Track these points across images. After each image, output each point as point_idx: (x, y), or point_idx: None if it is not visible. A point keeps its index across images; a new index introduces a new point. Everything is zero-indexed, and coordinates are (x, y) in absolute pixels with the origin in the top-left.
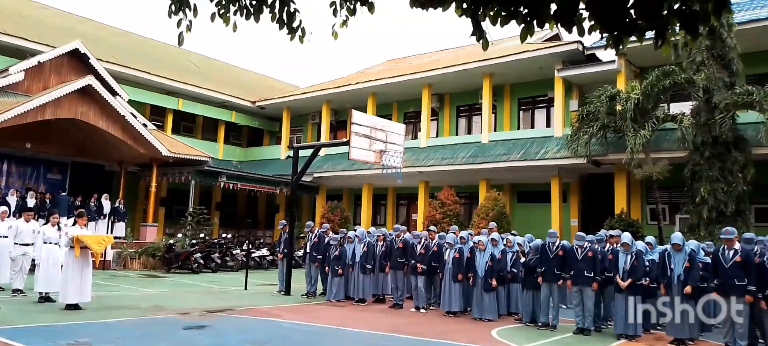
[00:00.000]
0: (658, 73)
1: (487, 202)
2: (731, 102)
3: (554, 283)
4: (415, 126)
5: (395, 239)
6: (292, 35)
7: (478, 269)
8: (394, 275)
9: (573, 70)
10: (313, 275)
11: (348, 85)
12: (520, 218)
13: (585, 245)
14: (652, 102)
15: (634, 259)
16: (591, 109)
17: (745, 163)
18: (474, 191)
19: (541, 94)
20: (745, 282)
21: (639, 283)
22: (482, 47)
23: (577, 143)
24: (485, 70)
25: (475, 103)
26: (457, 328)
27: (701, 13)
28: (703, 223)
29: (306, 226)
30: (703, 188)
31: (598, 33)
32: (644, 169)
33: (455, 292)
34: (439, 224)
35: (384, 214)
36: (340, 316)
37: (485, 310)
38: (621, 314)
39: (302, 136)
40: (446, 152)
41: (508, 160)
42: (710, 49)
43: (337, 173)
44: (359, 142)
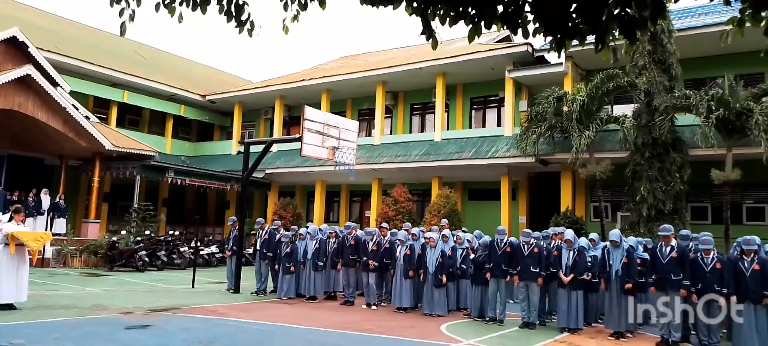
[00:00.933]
0: (602, 76)
1: (439, 199)
2: (670, 105)
3: (502, 278)
4: (369, 123)
5: (347, 236)
6: (240, 28)
7: (429, 266)
8: (346, 271)
9: (523, 72)
10: (263, 272)
11: (301, 81)
12: (471, 215)
13: (531, 242)
14: (597, 104)
15: (576, 255)
16: (539, 109)
17: (682, 163)
18: (427, 188)
19: (493, 94)
20: (680, 277)
21: (581, 278)
22: (432, 46)
23: (525, 143)
24: (439, 69)
25: (429, 102)
26: (407, 324)
27: (639, 19)
28: (643, 220)
29: (256, 223)
30: (643, 187)
31: (542, 36)
32: (588, 168)
33: (406, 288)
34: (392, 221)
35: (337, 211)
36: (290, 313)
37: (435, 306)
38: (563, 309)
39: (254, 131)
40: (400, 150)
41: (460, 159)
42: (651, 54)
43: (290, 169)
44: (312, 139)
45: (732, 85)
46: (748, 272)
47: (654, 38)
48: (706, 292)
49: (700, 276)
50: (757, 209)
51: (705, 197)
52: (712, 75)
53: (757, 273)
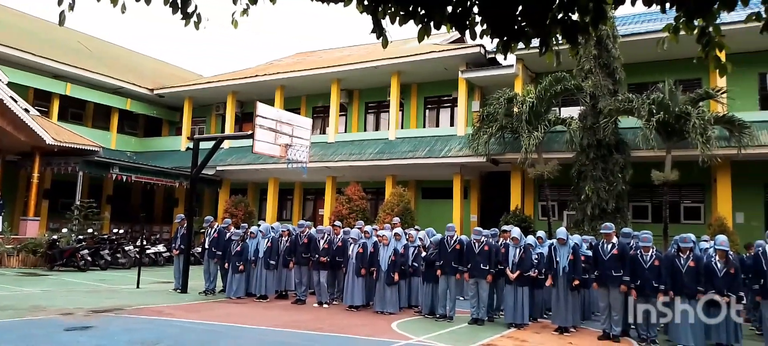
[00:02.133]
0: (550, 79)
1: (392, 197)
2: (614, 108)
3: (452, 276)
4: (324, 121)
5: (300, 235)
6: (186, 20)
7: (382, 264)
8: (298, 270)
9: (475, 73)
10: (212, 271)
11: (255, 77)
12: (424, 214)
13: (482, 240)
14: (545, 106)
15: (522, 252)
16: (491, 110)
17: (624, 164)
18: (380, 186)
19: (446, 94)
20: (621, 273)
21: (527, 275)
22: (382, 45)
23: (477, 142)
24: (393, 68)
25: (384, 101)
26: (359, 322)
27: (581, 24)
28: (588, 219)
29: (205, 221)
30: (588, 187)
31: (489, 38)
32: (537, 168)
33: (358, 286)
34: (346, 219)
35: (290, 209)
36: (239, 313)
37: (387, 303)
38: (510, 305)
39: (205, 127)
40: (354, 148)
41: (414, 158)
42: (597, 58)
43: (242, 166)
44: (264, 136)
45: (672, 89)
46: (684, 268)
47: (600, 43)
48: (645, 288)
49: (640, 273)
50: (693, 209)
51: (645, 197)
52: (653, 80)
53: (692, 270)
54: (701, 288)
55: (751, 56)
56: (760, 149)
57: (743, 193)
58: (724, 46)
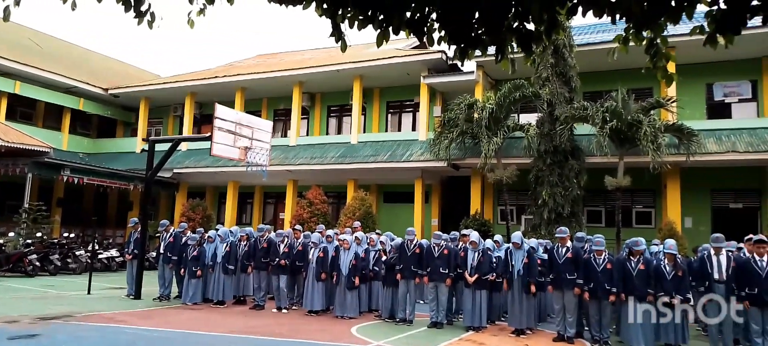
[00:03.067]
0: (509, 86)
1: (354, 201)
2: (570, 115)
3: (411, 279)
4: (285, 124)
5: (260, 239)
6: (139, 19)
7: (342, 268)
8: (257, 275)
9: (437, 78)
10: (167, 277)
11: (214, 78)
12: (386, 218)
13: (441, 244)
14: (504, 112)
15: (480, 256)
16: (452, 115)
17: (579, 170)
18: (342, 190)
19: (409, 99)
20: (575, 276)
21: (485, 278)
22: (341, 49)
23: (438, 147)
24: (356, 72)
25: (346, 104)
26: (318, 327)
27: (535, 33)
28: (544, 223)
29: (160, 225)
30: (545, 192)
31: (447, 44)
32: (496, 173)
33: (318, 291)
34: (307, 223)
35: (250, 213)
36: (194, 319)
37: (347, 308)
38: (468, 308)
39: (162, 129)
40: (316, 152)
41: (376, 162)
42: (554, 66)
43: (200, 169)
44: (223, 138)
45: (625, 98)
46: (634, 271)
47: (557, 52)
48: (598, 290)
49: (593, 275)
50: (645, 213)
51: (599, 202)
52: (607, 88)
53: (643, 273)
54: (651, 290)
55: (699, 67)
56: (707, 157)
57: (691, 198)
58: (671, 57)
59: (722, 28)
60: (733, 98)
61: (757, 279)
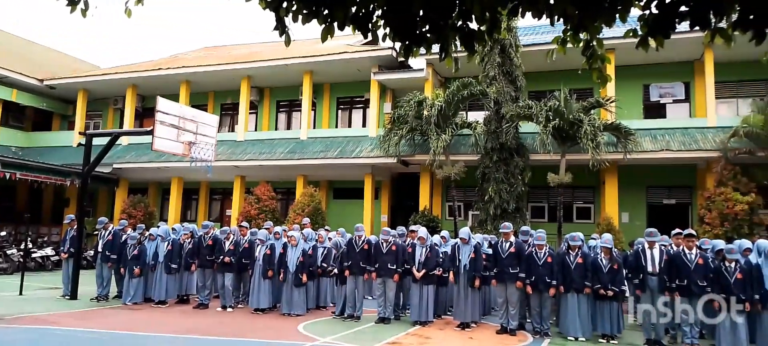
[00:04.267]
0: (458, 84)
1: (303, 198)
2: (515, 114)
3: (360, 276)
4: (233, 118)
5: (205, 236)
6: (72, 7)
7: (290, 265)
8: (201, 273)
9: (387, 75)
10: (105, 276)
11: (158, 70)
12: (336, 214)
13: (389, 240)
14: (453, 109)
15: (428, 252)
16: (402, 112)
17: (524, 167)
18: (291, 186)
19: (359, 95)
20: (517, 270)
21: (432, 273)
22: (285, 43)
23: (388, 144)
24: (306, 67)
25: (296, 99)
26: (264, 325)
27: (477, 33)
28: (490, 218)
29: (98, 222)
30: (491, 188)
31: (391, 41)
32: (444, 169)
33: (265, 288)
34: (255, 220)
35: (195, 209)
36: (134, 320)
37: (294, 305)
38: (415, 303)
39: (101, 122)
40: (264, 147)
41: (326, 158)
42: (501, 66)
43: (142, 164)
44: (165, 132)
45: (567, 98)
46: (573, 265)
47: (503, 52)
48: (539, 283)
49: (534, 269)
50: (585, 209)
51: (543, 198)
52: (551, 88)
53: (580, 266)
54: (588, 283)
55: (637, 69)
56: (643, 155)
57: (628, 194)
58: (606, 58)
59: (653, 32)
60: (668, 99)
61: (686, 271)
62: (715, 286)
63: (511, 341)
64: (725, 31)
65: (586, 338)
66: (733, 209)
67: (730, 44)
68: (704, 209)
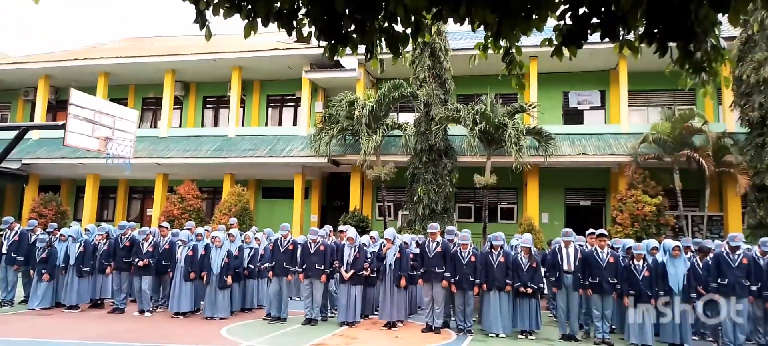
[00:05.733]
0: (389, 85)
1: (230, 197)
2: (444, 116)
3: (284, 276)
4: (156, 114)
5: (121, 237)
6: None
7: (213, 267)
8: (117, 276)
9: (319, 74)
10: (11, 280)
11: (74, 60)
12: (264, 214)
13: (318, 240)
14: (384, 110)
15: (357, 252)
16: (333, 112)
17: (452, 168)
18: (218, 185)
19: (290, 93)
20: (443, 269)
21: (360, 273)
22: (205, 37)
23: (319, 143)
24: (234, 62)
25: (224, 96)
26: (184, 329)
27: (402, 35)
28: (419, 219)
29: (3, 222)
30: (420, 189)
31: (316, 40)
32: (375, 170)
33: (186, 291)
34: (178, 220)
35: (113, 209)
36: (42, 326)
37: (218, 308)
38: (343, 303)
39: (10, 114)
40: (189, 144)
41: (255, 156)
42: (431, 69)
43: (54, 160)
44: (79, 127)
45: (493, 102)
46: (495, 263)
47: (433, 55)
48: (463, 282)
49: (459, 268)
50: (508, 209)
51: (469, 199)
52: (479, 92)
53: (502, 265)
54: (509, 281)
55: (557, 76)
56: (562, 158)
57: (548, 196)
58: (524, 65)
59: (567, 42)
60: (585, 106)
61: (598, 269)
62: (625, 283)
63: (436, 339)
64: (632, 43)
65: (506, 334)
66: (643, 210)
67: (637, 56)
68: (617, 210)
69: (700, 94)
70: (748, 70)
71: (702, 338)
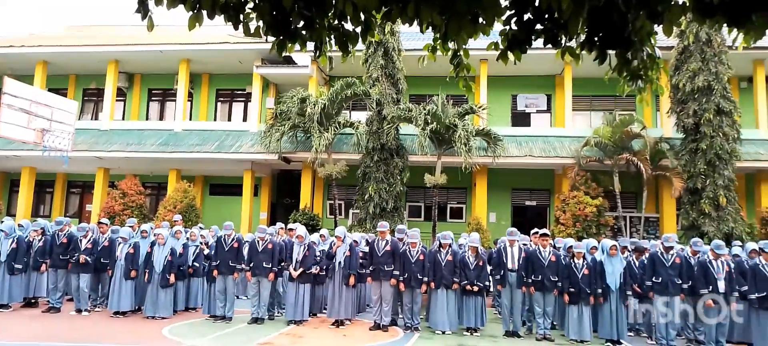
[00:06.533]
0: (342, 83)
1: (176, 193)
2: (396, 115)
3: (229, 275)
4: (97, 106)
5: (59, 234)
6: None
7: (156, 265)
8: (53, 274)
9: (271, 69)
10: None
11: (9, 47)
12: (212, 211)
13: (265, 238)
14: (336, 108)
15: (306, 250)
16: (284, 108)
17: (403, 167)
18: (162, 181)
19: (240, 88)
20: (392, 268)
21: (309, 272)
22: (147, 28)
23: (270, 140)
24: (182, 54)
25: (170, 89)
26: (124, 329)
27: (352, 33)
28: (370, 217)
29: None
30: (371, 187)
31: (264, 35)
32: (326, 168)
33: (126, 290)
34: (119, 216)
35: (50, 203)
36: None
37: (160, 307)
38: (291, 302)
39: None
40: (133, 138)
41: (202, 152)
42: (384, 68)
43: None
44: (13, 117)
45: (444, 103)
46: (443, 262)
47: (386, 54)
48: (411, 280)
49: (407, 267)
50: (458, 209)
51: (420, 198)
52: (430, 92)
53: (450, 263)
54: (456, 279)
55: (506, 79)
56: (510, 159)
57: (496, 196)
58: (472, 68)
59: (512, 46)
60: (533, 109)
61: (540, 268)
62: (565, 281)
63: (383, 337)
64: (574, 50)
65: (452, 331)
66: (584, 211)
67: (579, 62)
68: (560, 211)
69: (637, 100)
70: (684, 79)
71: (637, 334)
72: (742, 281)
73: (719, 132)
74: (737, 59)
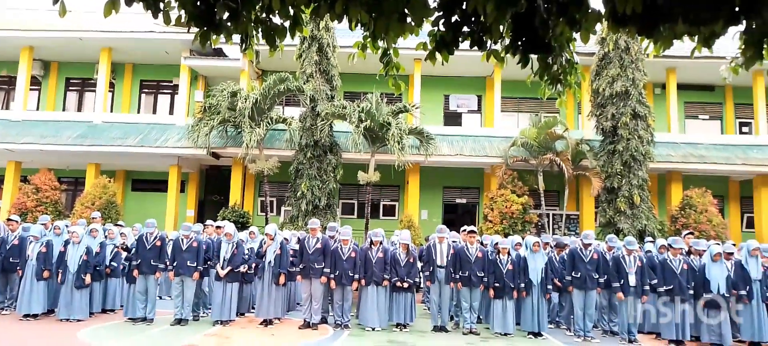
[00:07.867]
0: (275, 78)
1: (94, 189)
2: (330, 112)
3: (151, 275)
4: (9, 94)
5: None
6: None
7: (70, 264)
8: None
9: (200, 61)
10: None
11: None
12: (134, 207)
13: (191, 236)
14: (269, 103)
15: (234, 248)
16: (214, 102)
17: (336, 165)
18: (80, 176)
19: (167, 80)
20: (322, 266)
21: (237, 270)
22: (59, 13)
23: (198, 134)
24: (104, 43)
25: (90, 78)
26: (35, 333)
27: (279, 28)
28: (302, 214)
29: None
30: (304, 184)
31: (187, 26)
32: (257, 164)
33: (38, 291)
34: (32, 213)
35: None
36: None
37: (75, 309)
38: (218, 301)
39: None
40: (48, 129)
41: (124, 146)
42: (318, 64)
43: None
44: None
45: (378, 101)
46: (374, 259)
47: (321, 50)
48: (342, 278)
49: (338, 264)
50: (391, 206)
51: (353, 195)
52: (365, 90)
53: (380, 260)
54: (387, 275)
55: (439, 80)
56: (442, 158)
57: (428, 194)
58: (400, 66)
59: (440, 47)
60: (464, 109)
61: (467, 263)
62: (491, 276)
63: (313, 335)
64: (498, 53)
65: (382, 327)
66: (511, 208)
67: (503, 65)
68: (488, 208)
69: (557, 103)
70: (604, 84)
71: (557, 326)
72: (652, 274)
73: (635, 135)
74: (652, 66)
